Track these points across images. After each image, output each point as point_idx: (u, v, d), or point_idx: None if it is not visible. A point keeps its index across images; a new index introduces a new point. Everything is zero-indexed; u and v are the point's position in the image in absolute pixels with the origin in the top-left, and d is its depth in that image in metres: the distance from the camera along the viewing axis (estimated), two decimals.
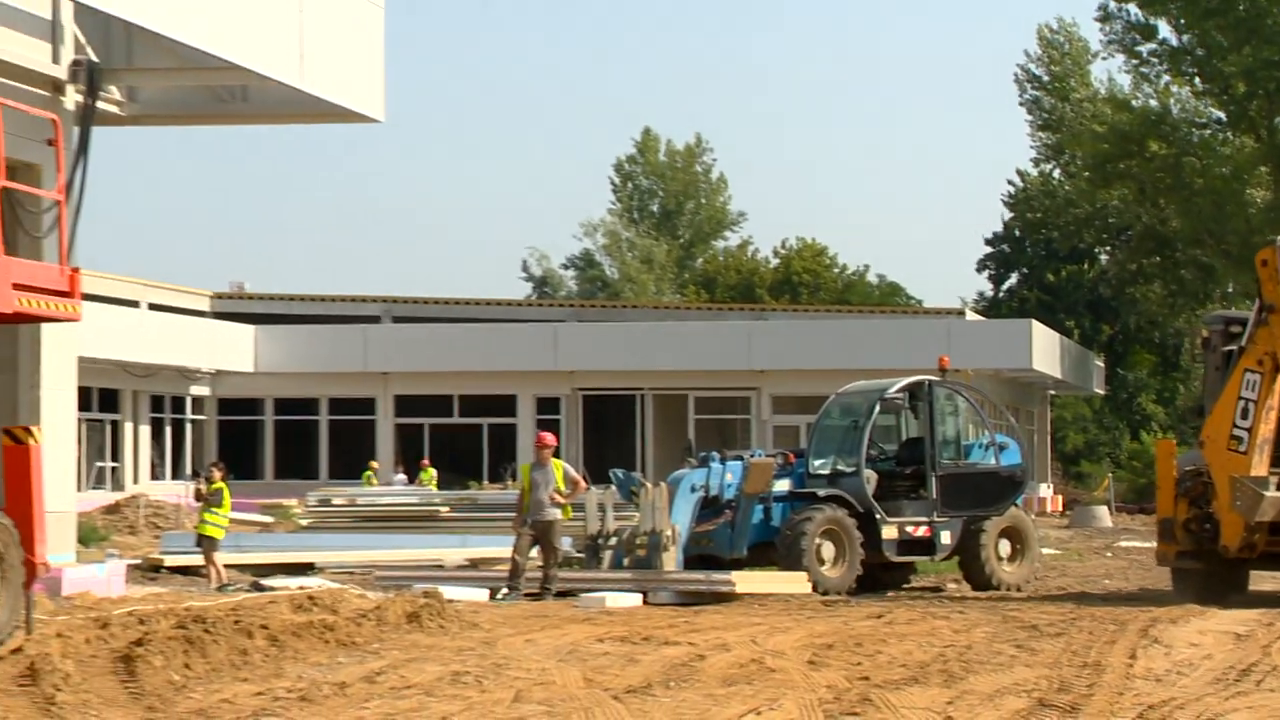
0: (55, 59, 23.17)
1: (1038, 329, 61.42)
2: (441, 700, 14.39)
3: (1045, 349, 62.27)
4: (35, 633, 16.65)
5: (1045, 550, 33.85)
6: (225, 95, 26.08)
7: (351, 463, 58.59)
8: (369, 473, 55.50)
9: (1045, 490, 65.87)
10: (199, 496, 29.06)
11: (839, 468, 27.97)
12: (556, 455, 26.40)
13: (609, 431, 61.11)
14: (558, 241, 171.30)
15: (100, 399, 54.55)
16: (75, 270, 17.90)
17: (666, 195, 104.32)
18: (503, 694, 14.75)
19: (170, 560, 29.56)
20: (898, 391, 28.50)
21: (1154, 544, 27.85)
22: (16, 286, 16.82)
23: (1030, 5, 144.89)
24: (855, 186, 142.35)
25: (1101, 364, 78.95)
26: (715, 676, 15.97)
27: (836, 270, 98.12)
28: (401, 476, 57.44)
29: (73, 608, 20.39)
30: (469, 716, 13.63)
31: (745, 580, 25.35)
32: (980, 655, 17.88)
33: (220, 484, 27.45)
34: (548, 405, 61.08)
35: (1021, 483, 28.88)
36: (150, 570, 28.86)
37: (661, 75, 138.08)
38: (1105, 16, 67.23)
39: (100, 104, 23.61)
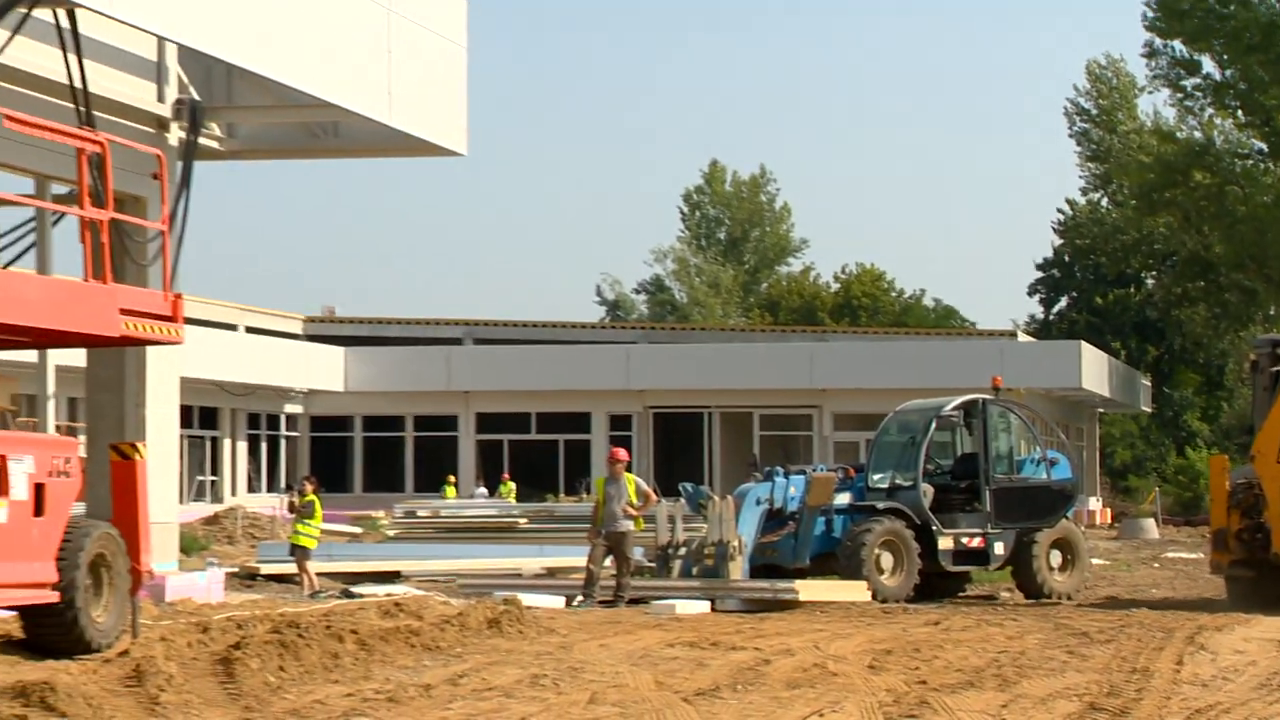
0: (160, 98, 23.36)
1: (1087, 350, 61.06)
2: (521, 701, 14.40)
3: (1094, 369, 61.91)
4: (140, 636, 16.80)
5: (1095, 560, 33.63)
6: (318, 131, 26.22)
7: (435, 477, 58.76)
8: (448, 485, 55.70)
9: (1094, 503, 65.44)
10: (292, 509, 29.18)
11: (897, 482, 27.88)
12: (629, 470, 26.37)
13: (678, 447, 61.01)
14: (629, 267, 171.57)
15: (201, 417, 54.92)
16: (178, 296, 18.00)
17: (733, 223, 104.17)
18: (578, 696, 14.76)
19: (266, 568, 29.64)
20: (953, 409, 28.45)
21: (1200, 555, 27.74)
22: (123, 311, 16.94)
23: (1079, 41, 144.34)
24: (912, 214, 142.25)
25: (1148, 383, 78.37)
26: (780, 680, 15.94)
27: (894, 294, 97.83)
28: (482, 490, 57.57)
29: (175, 613, 20.53)
30: (547, 717, 13.64)
31: (808, 589, 25.27)
32: (1033, 661, 17.80)
33: (312, 496, 27.56)
34: (620, 422, 61.12)
35: (1072, 496, 28.77)
36: (247, 578, 28.95)
37: (727, 107, 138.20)
38: (1151, 53, 66.84)
39: (202, 140, 23.75)
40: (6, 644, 16.35)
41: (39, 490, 15.93)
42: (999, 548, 27.51)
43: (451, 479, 57.01)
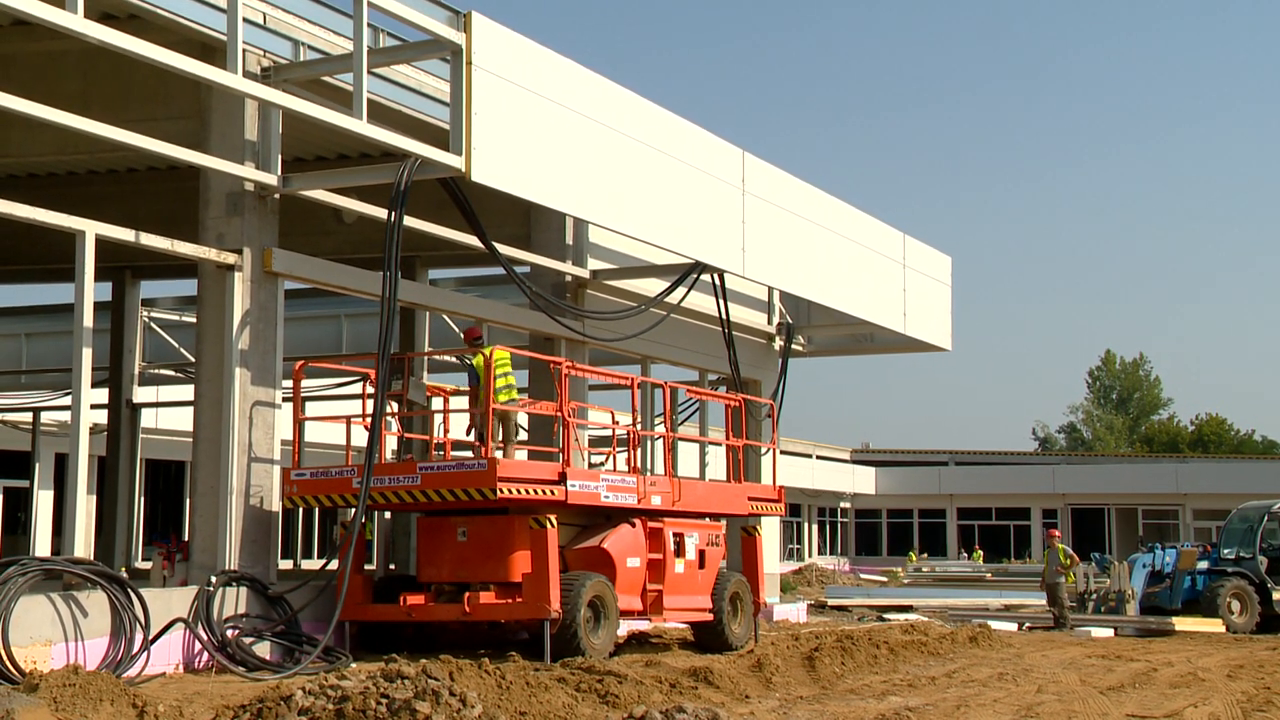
0: (769, 322, 23.95)
1: None
2: (992, 689, 13.82)
3: None
4: (759, 642, 16.94)
5: None
6: (862, 339, 26.31)
7: (929, 549, 58.10)
8: (911, 553, 55.14)
9: None
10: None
11: (1241, 554, 25.69)
12: (1060, 542, 25.39)
13: (1088, 531, 58.26)
14: (1053, 417, 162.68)
15: (790, 510, 55.41)
16: (780, 488, 18.47)
17: (1122, 389, 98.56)
18: (1029, 687, 14.05)
19: (831, 601, 29.51)
20: None
21: None
22: (750, 499, 17.70)
23: None
24: (1246, 374, 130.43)
25: None
26: (1164, 682, 14.78)
27: (1232, 432, 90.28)
28: (963, 555, 56.28)
29: (778, 628, 20.64)
30: (1009, 699, 13.03)
31: (1180, 623, 23.58)
32: None
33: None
34: (1049, 514, 58.97)
35: None
36: (819, 607, 28.87)
37: (1117, 312, 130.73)
38: None
39: (792, 346, 24.20)
40: (684, 644, 16.74)
41: (701, 554, 16.36)
42: None
43: (912, 552, 56.72)
